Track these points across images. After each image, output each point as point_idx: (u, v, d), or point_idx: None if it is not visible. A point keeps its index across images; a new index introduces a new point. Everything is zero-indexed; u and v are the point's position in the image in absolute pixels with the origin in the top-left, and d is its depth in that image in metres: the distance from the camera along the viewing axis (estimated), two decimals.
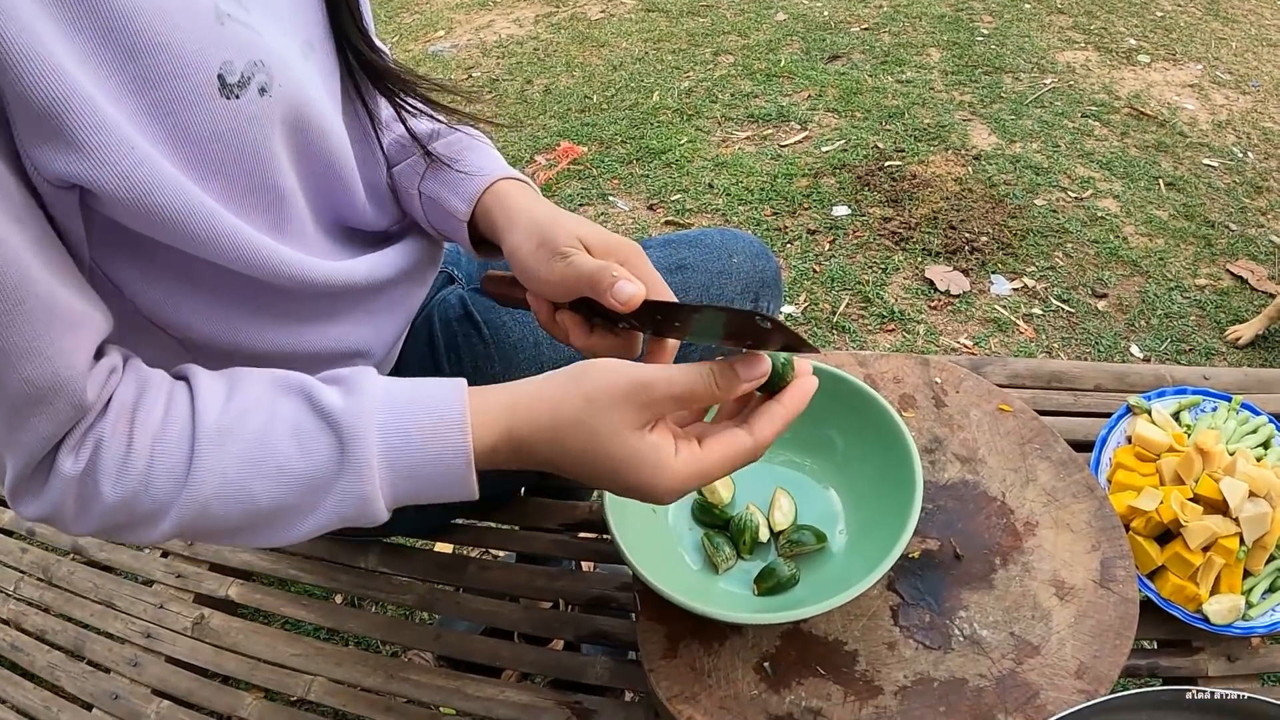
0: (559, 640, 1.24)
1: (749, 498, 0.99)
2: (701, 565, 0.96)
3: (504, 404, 0.64)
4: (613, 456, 0.62)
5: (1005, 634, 0.90)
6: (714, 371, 0.62)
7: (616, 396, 0.61)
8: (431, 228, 0.91)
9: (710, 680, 0.90)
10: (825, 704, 0.87)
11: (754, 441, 0.65)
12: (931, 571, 0.95)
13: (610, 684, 1.06)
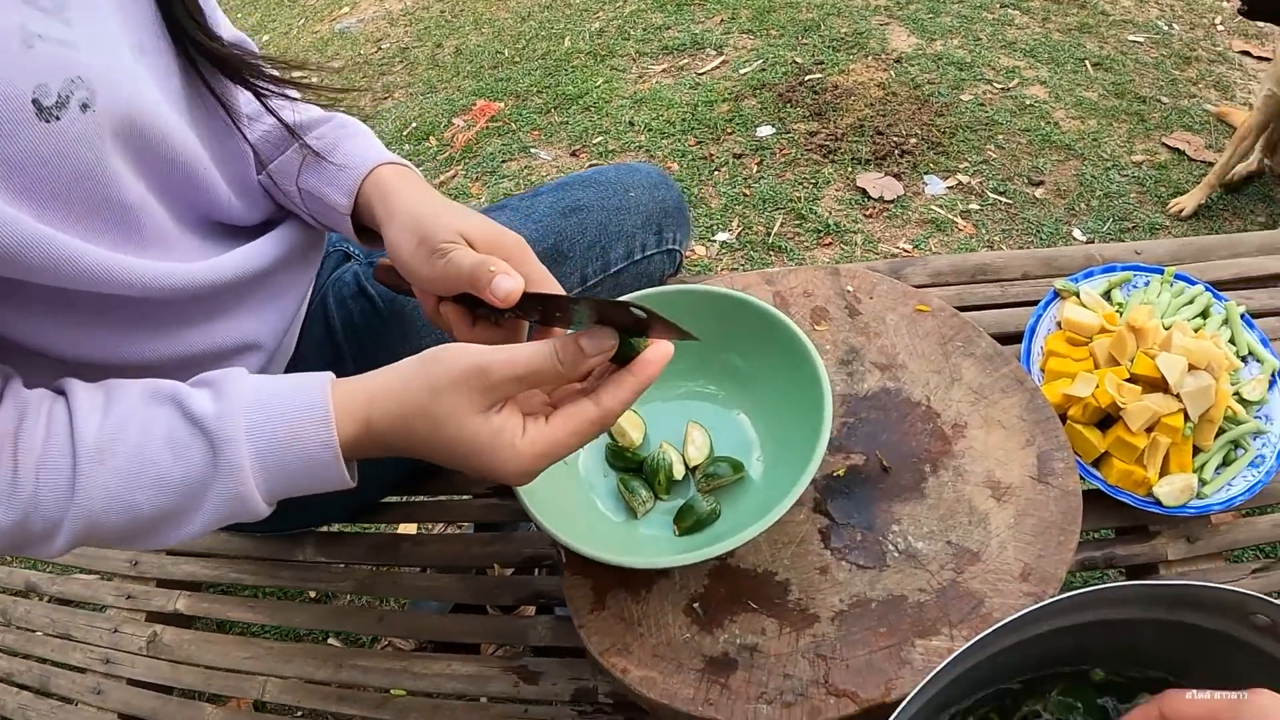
0: (529, 608, 1.20)
1: (662, 436, 0.95)
2: (620, 512, 0.91)
3: (364, 396, 0.65)
4: (458, 442, 0.62)
5: (942, 544, 0.86)
6: (558, 349, 0.62)
7: (458, 382, 0.62)
8: (315, 221, 0.89)
9: (641, 629, 0.85)
10: (760, 639, 0.83)
11: (602, 413, 0.65)
12: (859, 488, 0.91)
13: (553, 644, 1.02)
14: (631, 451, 0.94)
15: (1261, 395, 1.10)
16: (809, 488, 0.91)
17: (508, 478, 0.64)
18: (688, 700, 0.81)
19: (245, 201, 0.86)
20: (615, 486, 0.94)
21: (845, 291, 1.06)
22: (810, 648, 0.82)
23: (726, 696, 0.80)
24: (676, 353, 0.94)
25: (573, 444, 0.65)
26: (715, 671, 0.82)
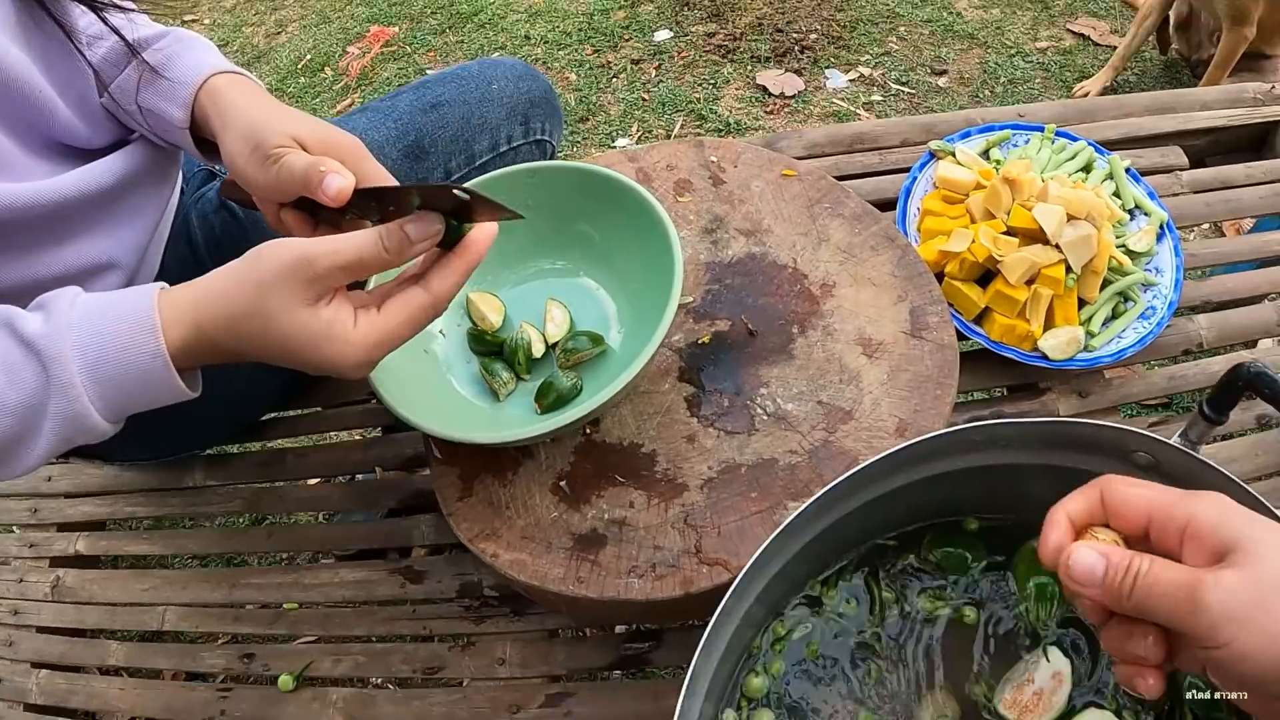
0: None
1: (523, 318, 0.91)
2: (483, 396, 0.89)
3: (191, 301, 0.63)
4: (288, 337, 0.62)
5: (812, 404, 0.85)
6: (383, 236, 0.61)
7: (283, 275, 0.61)
8: (159, 139, 0.88)
9: (509, 512, 0.83)
10: (629, 512, 0.81)
11: (433, 298, 0.64)
12: (725, 353, 0.88)
13: (436, 541, 0.99)
14: (491, 334, 0.91)
15: (1149, 247, 1.09)
16: (674, 357, 0.89)
17: (344, 370, 0.63)
18: (558, 580, 0.79)
19: (89, 123, 0.84)
20: (477, 372, 0.91)
21: (709, 162, 1.03)
22: (680, 517, 0.80)
23: (597, 573, 0.78)
24: (531, 233, 0.92)
25: (405, 333, 0.64)
26: (584, 549, 0.80)
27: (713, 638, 0.63)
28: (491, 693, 0.91)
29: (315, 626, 1.02)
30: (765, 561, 0.68)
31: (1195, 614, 0.43)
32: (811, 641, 0.73)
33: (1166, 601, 0.44)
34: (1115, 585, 0.46)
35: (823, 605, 0.75)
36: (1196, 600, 0.43)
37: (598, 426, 0.86)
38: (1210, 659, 0.43)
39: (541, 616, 0.92)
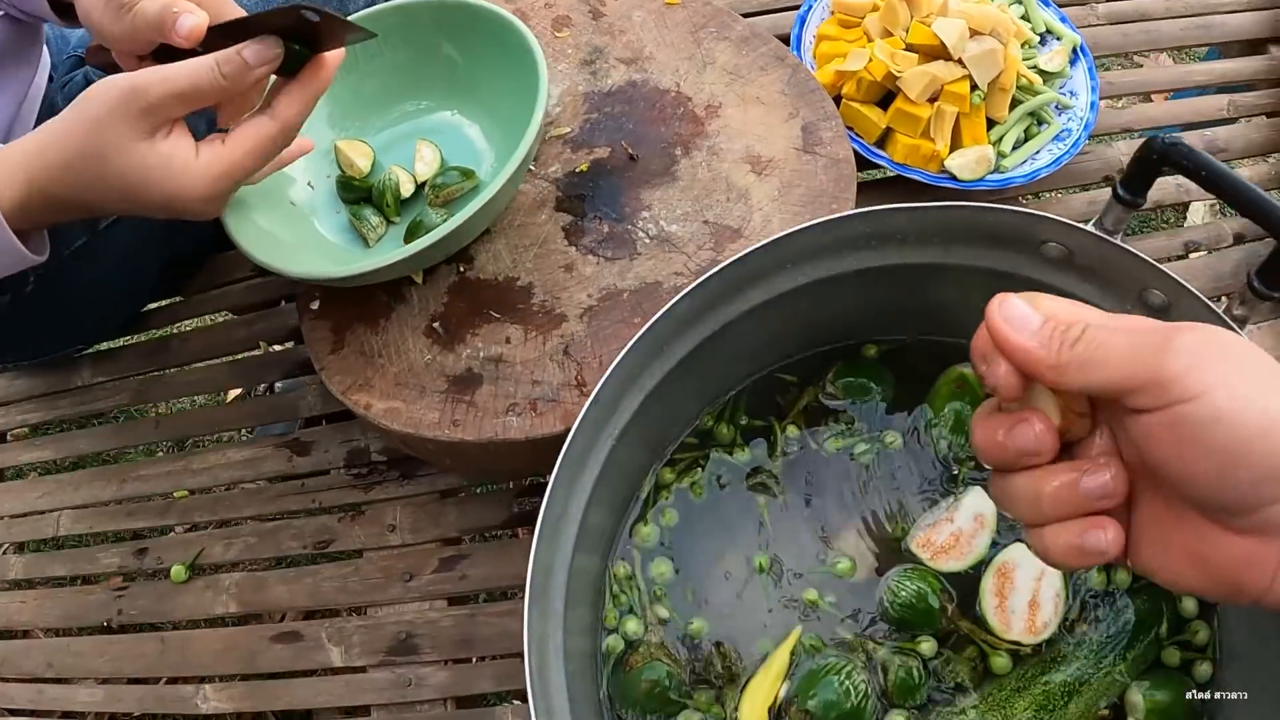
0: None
1: (392, 161, 0.86)
2: (354, 244, 0.83)
3: (21, 157, 0.60)
4: (126, 175, 0.58)
5: (698, 224, 0.79)
6: (219, 62, 0.58)
7: (115, 110, 0.57)
8: (15, 9, 0.83)
9: (381, 360, 0.77)
10: (505, 348, 0.75)
11: (279, 124, 0.61)
12: (604, 180, 0.83)
13: (323, 410, 0.94)
14: (360, 180, 0.85)
15: (1061, 67, 1.04)
16: (550, 187, 0.83)
17: (190, 206, 0.60)
18: (433, 425, 0.73)
19: None
20: (347, 221, 0.85)
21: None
22: (559, 349, 0.75)
23: (473, 414, 0.73)
24: (396, 73, 0.85)
25: (251, 163, 0.61)
26: (460, 390, 0.75)
27: (573, 455, 0.58)
28: (384, 562, 0.86)
29: (206, 512, 0.97)
30: (637, 375, 0.63)
31: (1165, 352, 0.34)
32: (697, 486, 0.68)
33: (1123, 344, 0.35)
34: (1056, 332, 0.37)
35: (716, 444, 0.70)
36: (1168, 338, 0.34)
37: (472, 264, 0.80)
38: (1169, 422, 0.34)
39: (432, 478, 0.87)
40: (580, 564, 0.62)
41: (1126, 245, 0.62)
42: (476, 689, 0.80)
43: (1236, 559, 0.35)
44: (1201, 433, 0.33)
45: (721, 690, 0.64)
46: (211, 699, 0.88)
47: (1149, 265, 0.61)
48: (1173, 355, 0.34)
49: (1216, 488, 0.34)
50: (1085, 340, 0.36)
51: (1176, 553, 0.37)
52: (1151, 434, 0.35)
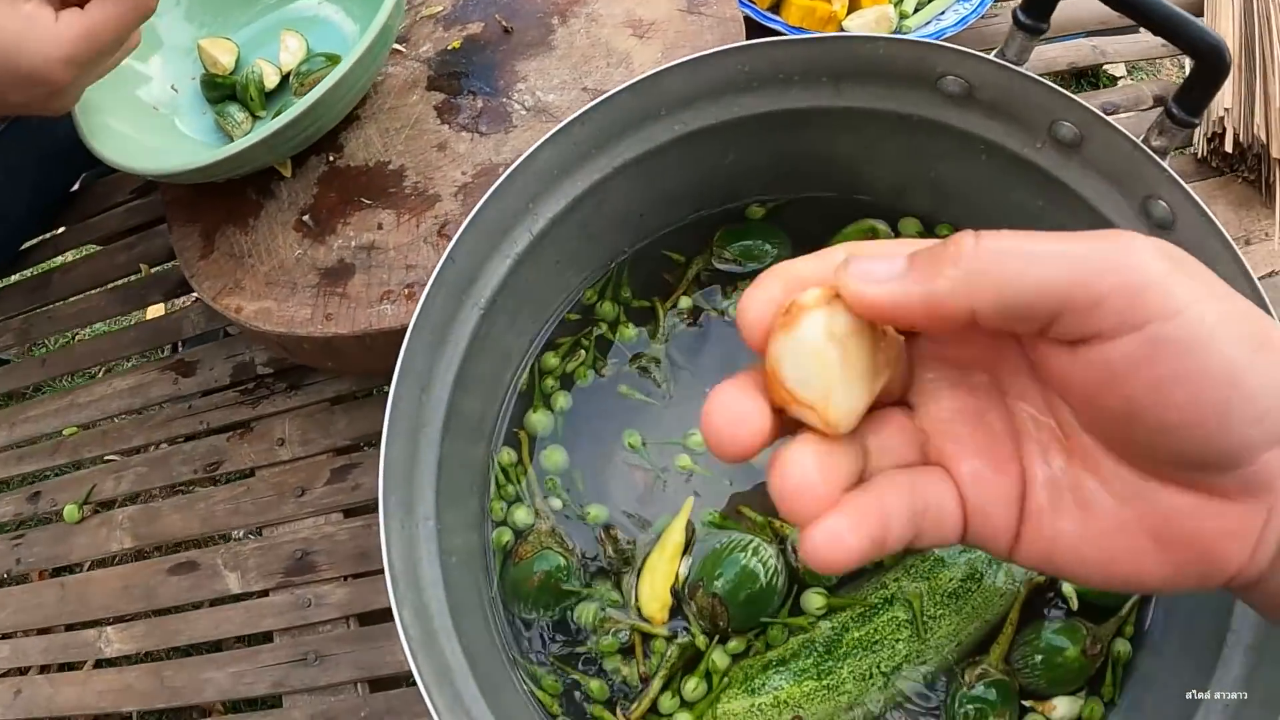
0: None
1: (258, 55, 0.82)
2: (220, 143, 0.78)
3: None
4: None
5: (577, 91, 0.74)
6: None
7: None
8: None
9: (251, 260, 0.72)
10: (377, 234, 0.70)
11: None
12: (477, 55, 0.77)
13: (207, 327, 0.88)
14: (224, 77, 0.79)
15: None
16: (421, 67, 0.78)
17: (50, 69, 0.57)
18: (306, 321, 0.69)
19: None
20: (213, 122, 0.79)
21: None
22: (433, 230, 0.70)
23: (346, 306, 0.68)
24: None
25: (112, 30, 0.58)
26: (332, 282, 0.70)
27: (430, 321, 0.53)
28: (276, 478, 0.81)
29: (95, 446, 0.91)
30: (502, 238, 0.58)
31: (1125, 251, 0.24)
32: (582, 369, 0.64)
33: (1051, 248, 0.25)
34: (928, 258, 0.26)
35: (599, 321, 0.65)
36: (1125, 241, 0.25)
37: (341, 152, 0.75)
38: (1143, 349, 0.24)
39: (320, 386, 0.82)
40: (454, 452, 0.57)
41: (1032, 74, 0.58)
42: (378, 604, 0.76)
43: (1214, 529, 0.26)
44: (1193, 360, 0.24)
45: (619, 575, 0.60)
46: (114, 641, 0.83)
47: (1058, 94, 0.57)
48: (1137, 254, 0.24)
49: (1207, 434, 0.25)
50: (981, 252, 0.25)
51: (1120, 534, 0.27)
52: (1108, 373, 0.25)
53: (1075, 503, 0.28)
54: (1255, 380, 0.24)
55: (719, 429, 0.27)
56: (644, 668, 0.58)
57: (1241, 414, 0.24)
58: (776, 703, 0.56)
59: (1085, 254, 0.24)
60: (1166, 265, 0.24)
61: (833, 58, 0.60)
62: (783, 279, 0.28)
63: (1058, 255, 0.24)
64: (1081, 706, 0.57)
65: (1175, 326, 0.24)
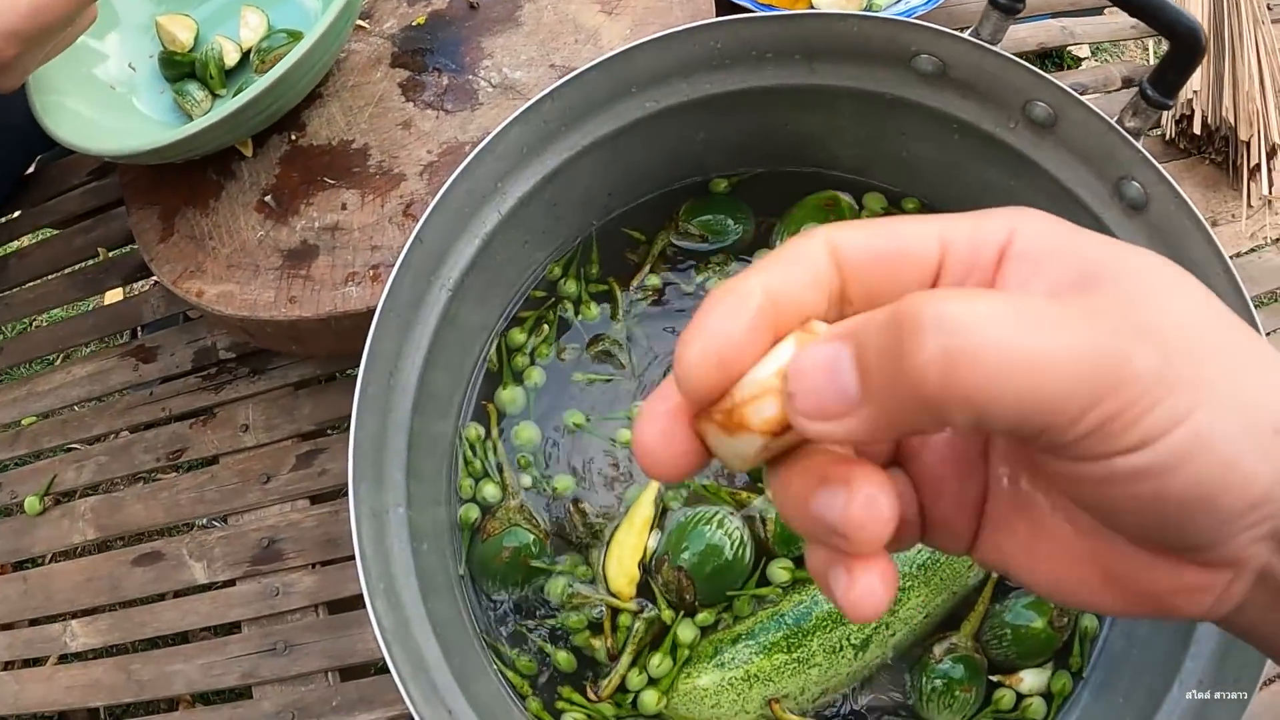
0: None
1: (218, 32, 0.79)
2: (180, 124, 0.76)
3: None
4: None
5: (544, 68, 0.73)
6: None
7: None
8: None
9: (212, 242, 0.71)
10: (341, 215, 0.69)
11: None
12: (443, 32, 0.76)
13: (167, 312, 0.87)
14: (183, 55, 0.77)
15: None
16: (386, 44, 0.77)
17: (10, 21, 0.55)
18: (269, 305, 0.67)
19: None
20: (172, 101, 0.77)
21: None
22: (399, 210, 0.69)
23: (311, 288, 0.67)
24: None
25: (61, 3, 0.57)
26: (295, 264, 0.68)
27: (399, 301, 0.52)
28: (240, 465, 0.80)
29: (55, 435, 0.89)
30: (470, 217, 0.57)
31: (1122, 384, 0.20)
32: (544, 346, 0.63)
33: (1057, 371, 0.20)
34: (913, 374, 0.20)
35: (563, 298, 0.64)
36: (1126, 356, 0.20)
37: (304, 131, 0.73)
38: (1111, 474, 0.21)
39: (284, 370, 0.81)
40: (423, 429, 0.56)
41: (1009, 54, 0.57)
42: (346, 591, 0.75)
43: (1173, 586, 0.24)
44: (1161, 482, 0.21)
45: (587, 549, 0.59)
46: (80, 635, 0.82)
47: (1032, 73, 0.57)
48: (1131, 386, 0.20)
49: (1172, 536, 0.23)
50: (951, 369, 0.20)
51: (1074, 564, 0.25)
52: (1074, 481, 0.22)
53: (1032, 522, 0.26)
54: (1226, 493, 0.21)
55: (650, 452, 0.25)
56: (612, 643, 0.58)
57: (1206, 522, 0.22)
58: (747, 676, 0.56)
59: (1079, 373, 0.20)
60: (1163, 377, 0.20)
61: (807, 35, 0.59)
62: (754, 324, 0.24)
63: (1043, 379, 0.20)
64: (1050, 678, 0.57)
65: (1143, 458, 0.21)
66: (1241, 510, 0.21)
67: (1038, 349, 0.20)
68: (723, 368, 0.23)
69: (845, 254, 0.25)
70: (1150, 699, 0.53)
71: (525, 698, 0.58)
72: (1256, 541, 0.23)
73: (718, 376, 0.23)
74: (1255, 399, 0.22)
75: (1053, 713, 0.58)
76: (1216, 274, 0.52)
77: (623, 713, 0.58)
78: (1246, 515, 0.22)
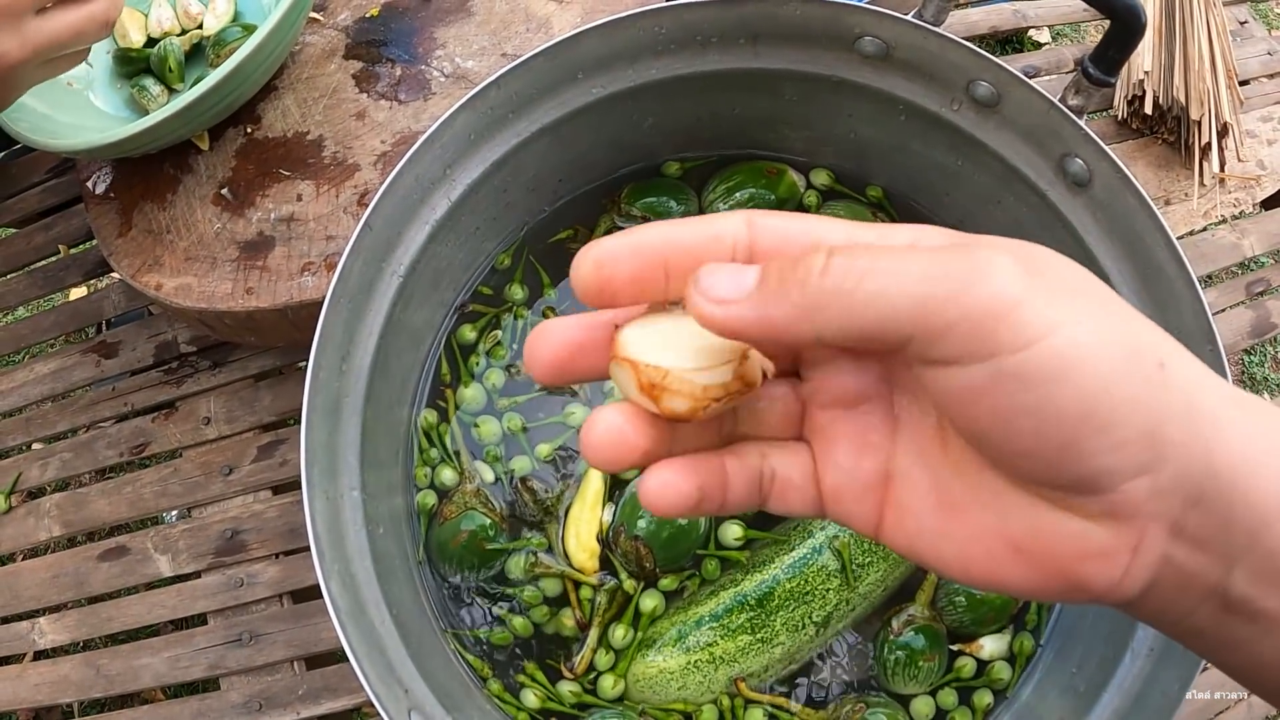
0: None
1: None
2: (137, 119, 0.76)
3: None
4: None
5: (496, 57, 0.74)
6: None
7: None
8: None
9: (170, 236, 0.71)
10: (297, 206, 0.70)
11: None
12: (396, 22, 0.77)
13: (127, 308, 0.87)
14: (137, 51, 0.78)
15: None
16: (340, 36, 0.77)
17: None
18: (227, 296, 0.68)
19: None
20: (130, 96, 0.78)
21: None
22: (353, 200, 0.69)
23: (267, 279, 0.67)
24: None
25: (76, 29, 0.58)
26: (252, 256, 0.69)
27: (349, 285, 0.53)
28: (202, 458, 0.80)
29: (19, 434, 0.89)
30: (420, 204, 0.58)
31: (979, 275, 0.23)
32: (499, 349, 0.64)
33: (907, 269, 0.23)
34: (781, 276, 0.25)
35: (508, 303, 0.65)
36: (975, 254, 0.23)
37: (260, 123, 0.74)
38: (990, 380, 0.23)
39: (244, 362, 0.81)
40: (376, 418, 0.57)
41: (953, 35, 0.58)
42: (309, 580, 0.75)
43: (1078, 550, 0.25)
44: (1041, 392, 0.23)
45: (544, 528, 0.60)
46: (48, 633, 0.82)
47: (974, 53, 0.58)
48: (991, 279, 0.23)
49: (1058, 461, 0.24)
50: (827, 276, 0.24)
51: (980, 540, 0.26)
52: (959, 396, 0.24)
53: (939, 502, 0.27)
54: (1111, 412, 0.23)
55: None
56: (580, 615, 0.59)
57: (1094, 445, 0.23)
58: (712, 659, 0.57)
59: (936, 276, 0.23)
60: (1025, 287, 0.23)
61: (749, 19, 0.60)
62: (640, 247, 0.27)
63: (907, 278, 0.23)
64: (1010, 641, 0.58)
65: (1022, 359, 0.23)
66: (1107, 447, 0.23)
67: (911, 267, 0.23)
68: (599, 272, 0.27)
69: (760, 228, 0.27)
70: (1102, 669, 0.54)
71: (485, 680, 0.59)
72: (1154, 518, 0.24)
73: (595, 280, 0.27)
74: (1136, 332, 0.24)
75: (1017, 674, 0.59)
76: (1159, 246, 0.53)
77: (584, 698, 0.59)
78: (1115, 452, 0.23)
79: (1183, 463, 0.24)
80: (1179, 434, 0.23)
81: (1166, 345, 0.24)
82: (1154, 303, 0.54)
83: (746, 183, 0.67)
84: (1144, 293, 0.55)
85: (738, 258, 0.27)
